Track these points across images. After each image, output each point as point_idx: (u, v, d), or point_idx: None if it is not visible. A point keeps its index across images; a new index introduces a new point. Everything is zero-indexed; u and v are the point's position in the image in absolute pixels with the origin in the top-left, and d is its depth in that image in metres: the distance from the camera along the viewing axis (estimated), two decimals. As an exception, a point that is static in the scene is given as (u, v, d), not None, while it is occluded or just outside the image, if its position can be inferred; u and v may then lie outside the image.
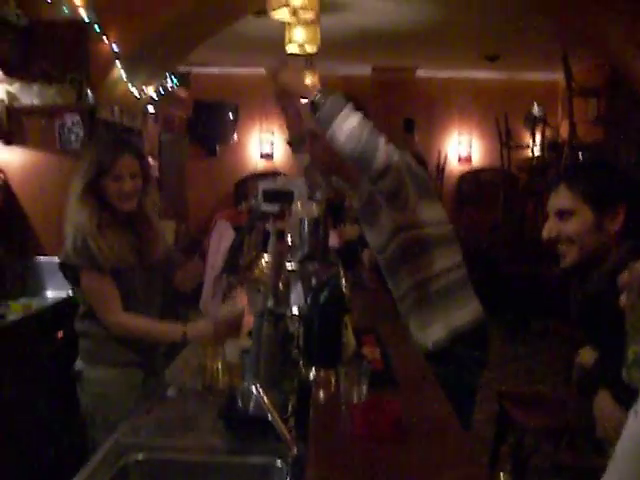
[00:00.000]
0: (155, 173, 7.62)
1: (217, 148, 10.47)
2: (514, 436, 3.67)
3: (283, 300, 2.24)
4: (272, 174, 9.69)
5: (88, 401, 2.94)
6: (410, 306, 2.96)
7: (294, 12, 3.52)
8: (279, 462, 1.96)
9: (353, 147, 2.58)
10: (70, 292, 4.63)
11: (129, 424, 2.27)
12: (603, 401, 2.05)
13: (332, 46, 7.06)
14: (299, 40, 4.77)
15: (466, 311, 2.93)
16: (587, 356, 2.24)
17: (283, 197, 2.76)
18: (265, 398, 1.59)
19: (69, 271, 2.90)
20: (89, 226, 2.80)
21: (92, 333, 2.95)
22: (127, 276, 2.90)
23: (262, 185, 2.93)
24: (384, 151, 2.60)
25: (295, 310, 2.10)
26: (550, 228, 2.18)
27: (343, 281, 2.20)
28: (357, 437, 1.68)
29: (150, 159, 7.48)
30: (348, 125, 2.55)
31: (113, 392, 2.92)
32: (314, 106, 2.58)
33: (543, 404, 3.65)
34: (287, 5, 3.49)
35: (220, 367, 2.58)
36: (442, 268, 2.89)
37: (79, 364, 2.98)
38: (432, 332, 2.88)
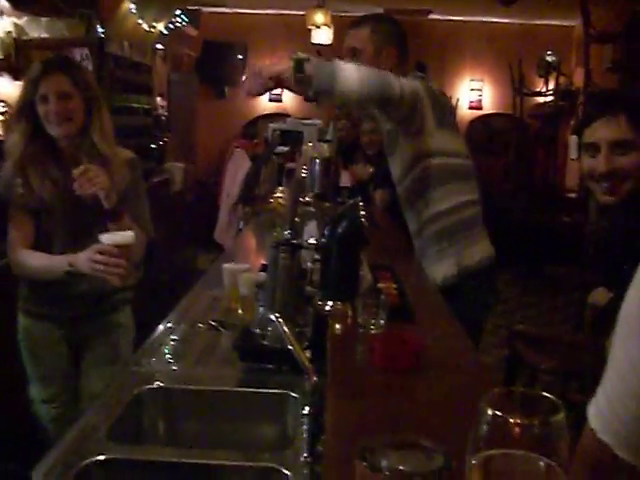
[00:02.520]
0: (164, 112, 7.55)
1: (226, 89, 10.35)
2: (525, 378, 3.66)
3: (298, 231, 2.21)
4: (281, 116, 9.58)
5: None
6: (425, 240, 2.94)
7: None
8: (294, 393, 1.94)
9: (370, 89, 2.56)
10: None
11: (142, 354, 2.26)
12: None
13: (345, -15, 6.92)
14: (313, -24, 4.67)
15: (478, 249, 2.92)
16: (600, 296, 2.20)
17: (293, 138, 2.72)
18: (285, 327, 1.56)
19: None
20: (16, 154, 2.62)
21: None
22: (50, 215, 2.68)
23: (272, 125, 2.88)
24: (396, 81, 2.58)
25: (312, 240, 2.07)
26: (608, 160, 2.05)
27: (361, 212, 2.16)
28: (376, 368, 1.66)
29: (159, 98, 7.41)
30: (352, 74, 2.51)
31: (29, 343, 2.82)
32: (300, 68, 2.51)
33: (555, 345, 3.64)
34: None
35: (235, 302, 2.57)
36: (458, 202, 2.87)
37: None
38: (443, 267, 2.87)
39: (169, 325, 2.53)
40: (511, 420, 0.75)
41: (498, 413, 0.75)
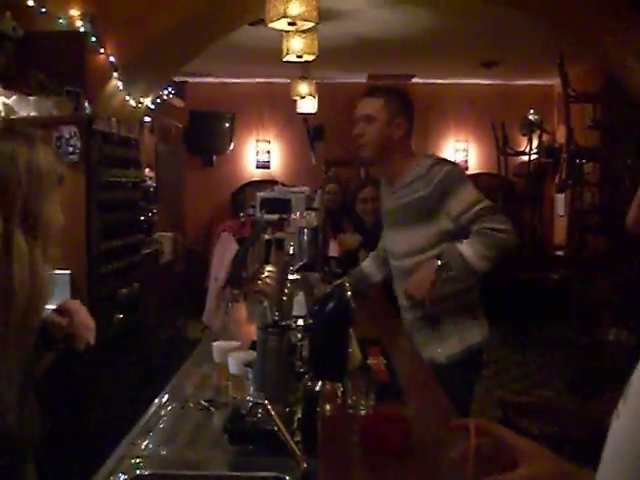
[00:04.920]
0: (152, 183, 7.61)
1: (214, 158, 10.46)
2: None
3: (287, 311, 2.23)
4: (269, 183, 9.66)
5: None
6: (422, 317, 2.92)
7: (292, 22, 3.49)
8: (287, 478, 1.93)
9: (494, 255, 2.75)
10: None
11: (134, 437, 2.24)
12: None
13: (328, 54, 7.05)
14: (297, 50, 4.76)
15: (482, 327, 2.95)
16: None
17: (281, 206, 2.76)
18: (272, 411, 1.57)
19: None
20: None
21: None
22: None
23: (260, 194, 2.92)
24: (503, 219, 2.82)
25: (300, 322, 2.08)
26: None
27: (349, 292, 2.18)
28: (366, 450, 1.66)
29: (147, 169, 7.48)
30: (476, 255, 2.69)
31: None
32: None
33: (547, 411, 3.63)
34: (285, 16, 3.45)
35: (224, 380, 2.56)
36: (471, 282, 2.89)
37: None
38: (448, 345, 2.87)
39: (163, 402, 2.53)
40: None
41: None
